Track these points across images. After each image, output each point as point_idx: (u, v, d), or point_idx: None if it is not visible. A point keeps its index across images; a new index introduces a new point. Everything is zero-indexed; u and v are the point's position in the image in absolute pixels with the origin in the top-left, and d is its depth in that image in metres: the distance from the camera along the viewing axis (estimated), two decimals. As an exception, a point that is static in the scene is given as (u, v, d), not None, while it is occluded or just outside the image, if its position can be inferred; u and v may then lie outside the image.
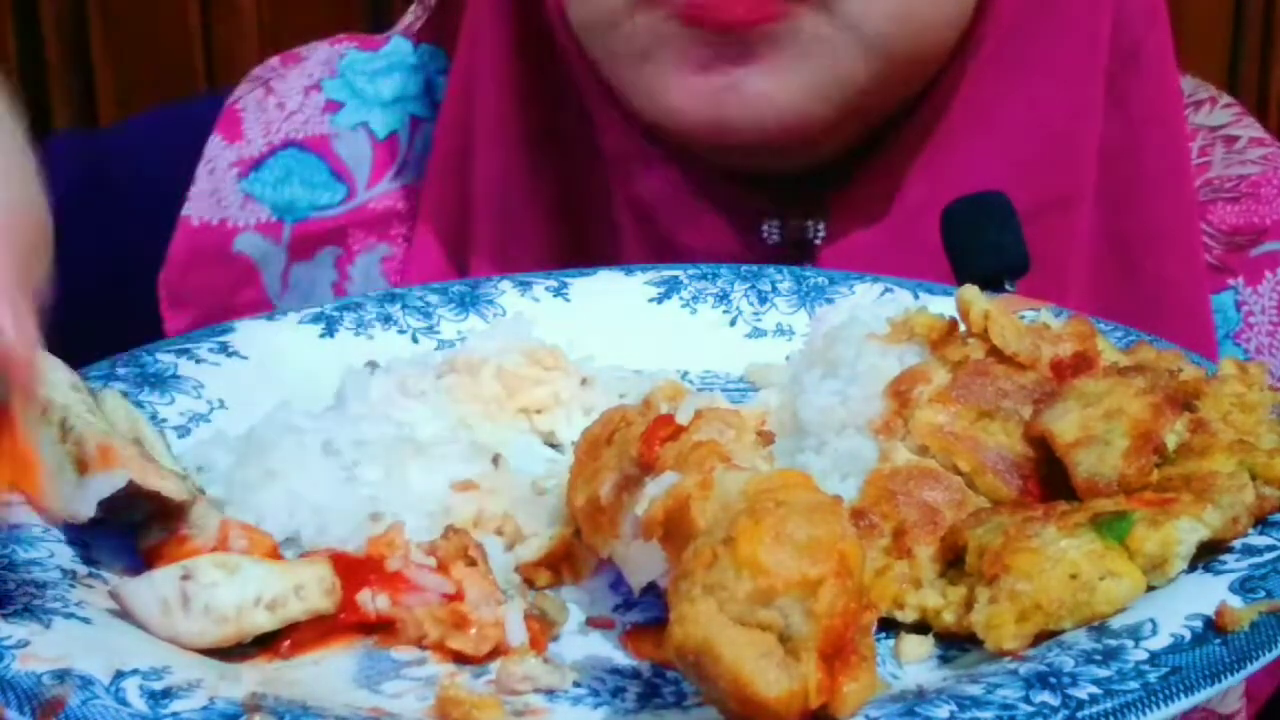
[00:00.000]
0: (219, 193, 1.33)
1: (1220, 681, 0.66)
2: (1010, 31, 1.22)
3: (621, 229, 1.27)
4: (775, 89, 1.14)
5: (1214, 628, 0.68)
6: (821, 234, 1.24)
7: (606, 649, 0.77)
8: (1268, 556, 0.73)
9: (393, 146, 1.35)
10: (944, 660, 0.74)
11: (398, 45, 1.38)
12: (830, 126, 1.17)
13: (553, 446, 0.95)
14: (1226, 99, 1.40)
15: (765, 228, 1.24)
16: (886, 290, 1.08)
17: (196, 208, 1.33)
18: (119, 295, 1.32)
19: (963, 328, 0.89)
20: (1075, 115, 1.25)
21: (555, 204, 1.29)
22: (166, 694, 0.66)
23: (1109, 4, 1.26)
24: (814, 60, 1.13)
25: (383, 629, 0.77)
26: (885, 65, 1.14)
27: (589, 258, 1.23)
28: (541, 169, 1.29)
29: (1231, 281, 1.30)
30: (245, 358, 1.02)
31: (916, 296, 1.05)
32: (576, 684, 0.73)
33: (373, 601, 0.77)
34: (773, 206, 1.24)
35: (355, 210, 1.35)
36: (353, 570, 0.79)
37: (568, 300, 1.11)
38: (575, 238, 1.29)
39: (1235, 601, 0.70)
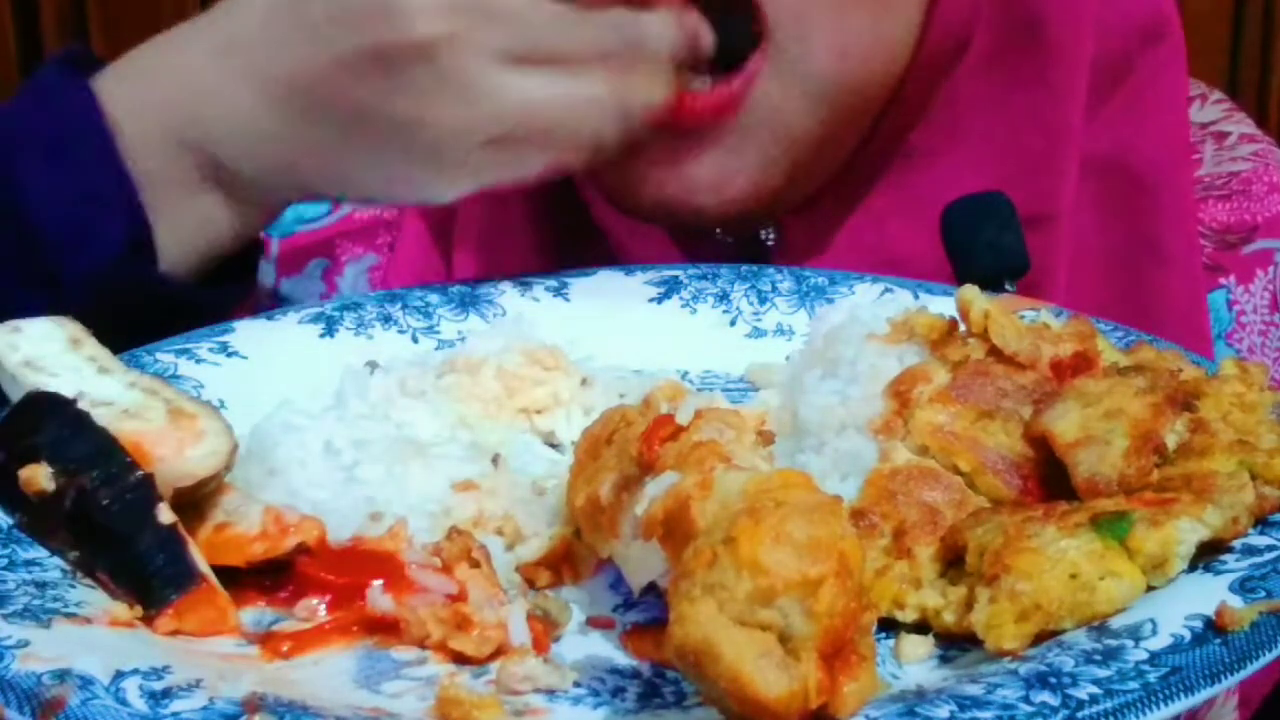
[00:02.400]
0: None
1: (1220, 681, 0.66)
2: (985, 56, 1.21)
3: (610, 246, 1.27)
4: (735, 166, 1.12)
5: (1214, 628, 0.68)
6: (772, 237, 1.24)
7: (606, 649, 0.77)
8: (1268, 556, 0.73)
9: None
10: (944, 660, 0.74)
11: None
12: (786, 189, 1.16)
13: (553, 446, 0.95)
14: (1217, 95, 1.39)
15: (719, 231, 1.24)
16: (886, 290, 1.08)
17: None
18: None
19: (963, 328, 0.89)
20: (1051, 135, 1.23)
21: (540, 202, 1.28)
22: (166, 694, 0.66)
23: (1089, 26, 1.24)
24: (767, 126, 1.11)
25: (384, 629, 0.78)
26: (831, 110, 1.12)
27: (575, 255, 1.22)
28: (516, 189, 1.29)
29: (1224, 281, 1.29)
30: (245, 358, 1.02)
31: (916, 296, 1.04)
32: (576, 684, 0.73)
33: (380, 599, 0.78)
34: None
35: (341, 220, 1.35)
36: (369, 561, 0.80)
37: (568, 300, 1.11)
38: (561, 235, 1.29)
39: (1235, 601, 0.70)
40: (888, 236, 1.19)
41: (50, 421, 0.81)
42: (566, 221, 1.28)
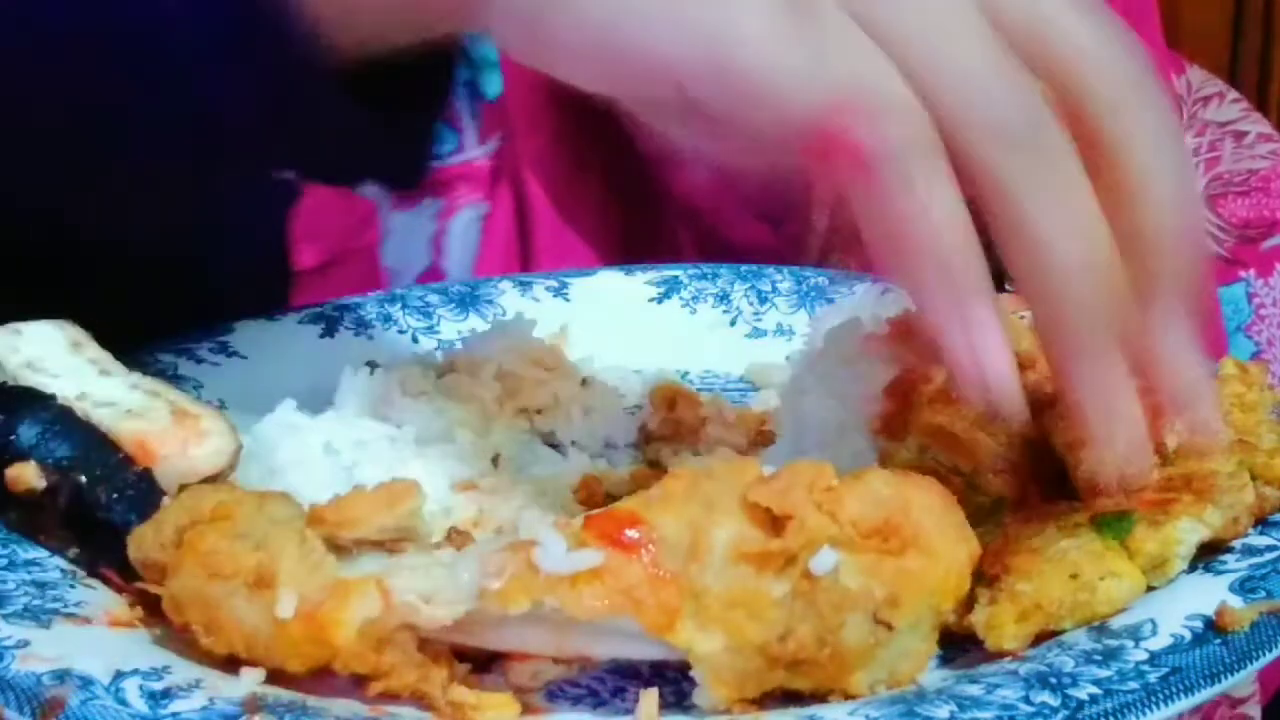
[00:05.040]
0: None
1: (1220, 682, 0.66)
2: None
3: (671, 221, 1.26)
4: None
5: (1214, 628, 0.68)
6: None
7: (606, 649, 0.77)
8: (1268, 556, 0.73)
9: (501, 107, 1.34)
10: (944, 660, 0.74)
11: None
12: None
13: (553, 446, 0.95)
14: (1234, 94, 1.41)
15: (815, 215, 1.23)
16: (886, 290, 1.08)
17: None
18: None
19: (963, 328, 0.89)
20: None
21: (603, 197, 1.28)
22: (166, 694, 0.66)
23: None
24: None
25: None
26: None
27: (642, 250, 1.22)
28: (587, 161, 1.28)
29: (1243, 274, 1.32)
30: (245, 358, 1.02)
31: (917, 296, 1.04)
32: (576, 684, 0.73)
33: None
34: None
35: (462, 165, 1.32)
36: None
37: (568, 300, 1.11)
38: (628, 230, 1.28)
39: (1235, 601, 0.70)
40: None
41: (27, 418, 0.80)
42: (636, 215, 1.28)
